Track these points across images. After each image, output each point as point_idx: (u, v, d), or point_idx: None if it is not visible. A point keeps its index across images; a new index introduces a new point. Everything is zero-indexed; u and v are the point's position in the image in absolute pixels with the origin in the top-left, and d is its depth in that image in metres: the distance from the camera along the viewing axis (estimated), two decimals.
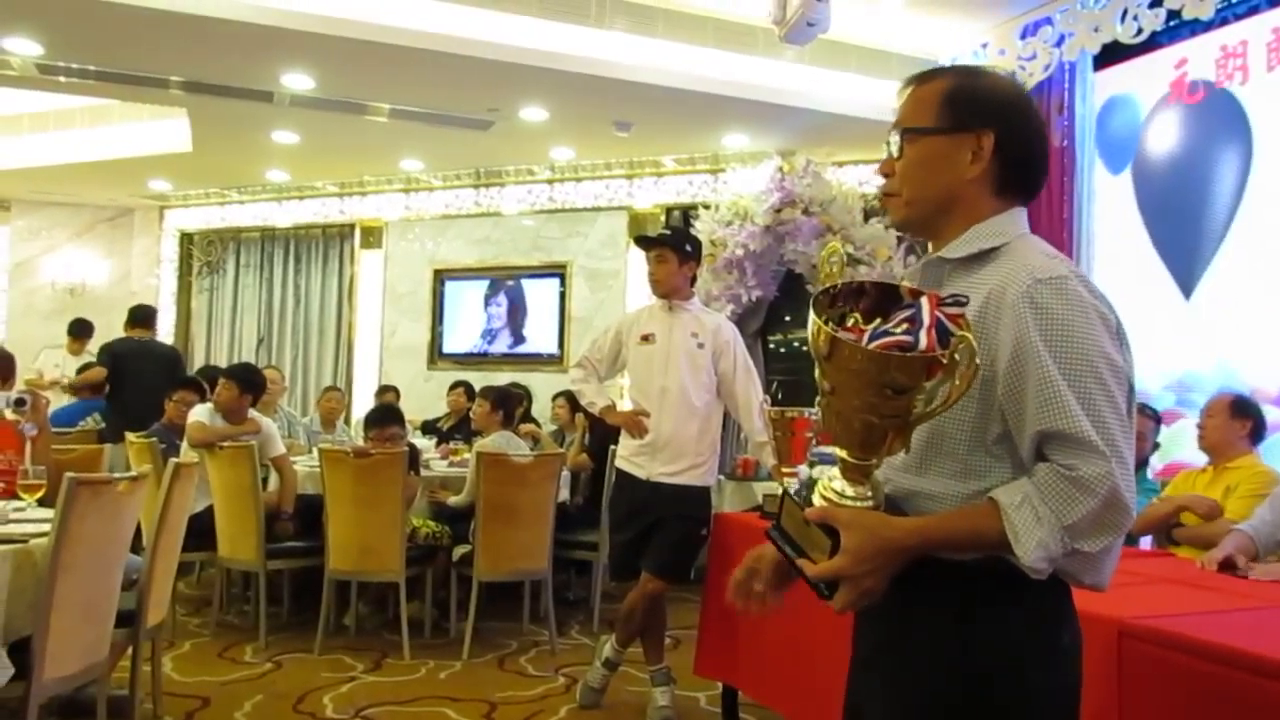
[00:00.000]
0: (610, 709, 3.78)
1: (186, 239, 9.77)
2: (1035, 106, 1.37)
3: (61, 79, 5.85)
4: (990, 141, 1.30)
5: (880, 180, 1.41)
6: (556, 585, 4.90)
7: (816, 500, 1.24)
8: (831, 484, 1.24)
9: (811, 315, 1.19)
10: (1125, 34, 4.98)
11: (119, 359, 6.24)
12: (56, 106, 7.49)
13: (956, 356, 1.10)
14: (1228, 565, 2.64)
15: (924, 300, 1.16)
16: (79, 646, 2.76)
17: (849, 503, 1.22)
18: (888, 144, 1.37)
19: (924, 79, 1.37)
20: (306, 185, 9.04)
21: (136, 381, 6.08)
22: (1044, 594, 1.24)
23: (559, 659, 4.44)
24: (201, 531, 4.45)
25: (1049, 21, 5.46)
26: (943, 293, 1.22)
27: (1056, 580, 1.23)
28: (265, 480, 4.69)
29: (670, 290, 3.71)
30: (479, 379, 6.88)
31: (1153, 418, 3.92)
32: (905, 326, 1.14)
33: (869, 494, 1.23)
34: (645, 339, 3.72)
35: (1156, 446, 3.96)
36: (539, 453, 5.07)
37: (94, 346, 8.04)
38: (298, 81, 5.68)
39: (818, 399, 1.24)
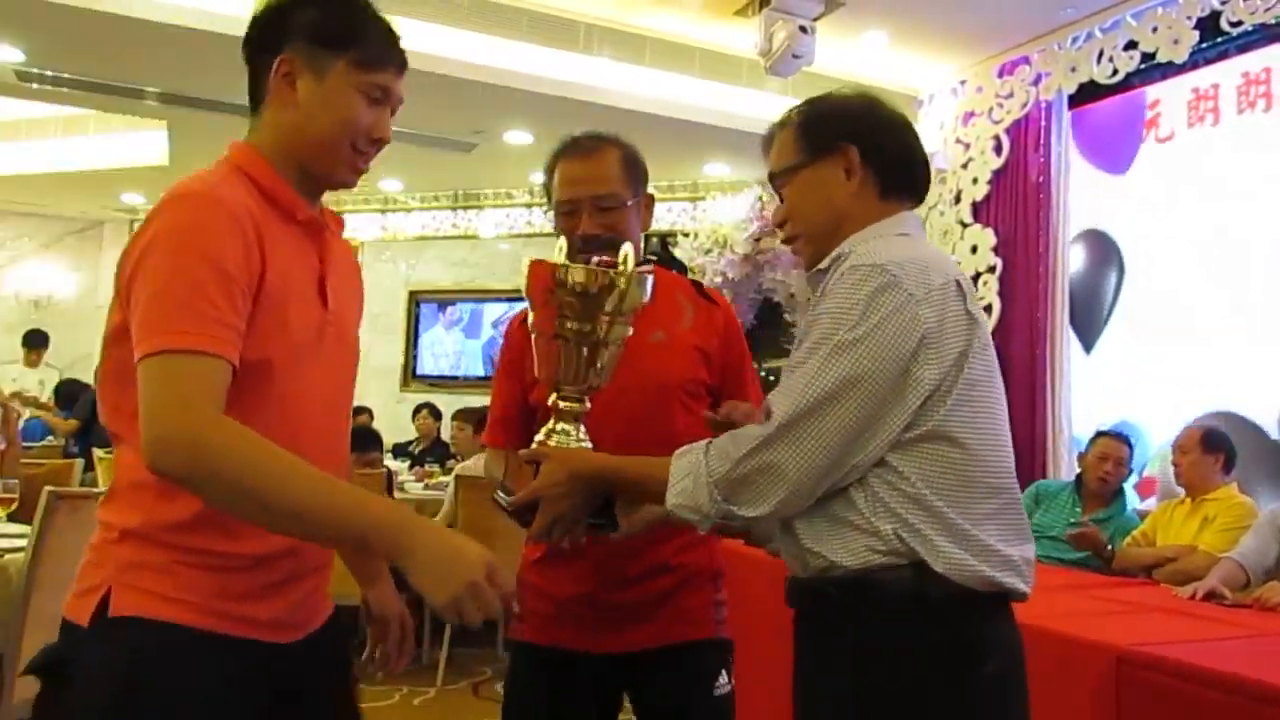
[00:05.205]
0: None
1: None
2: (889, 110, 1.39)
3: (35, 86, 5.76)
4: (855, 153, 1.32)
5: None
6: None
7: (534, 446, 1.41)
8: (546, 428, 1.41)
9: (529, 267, 1.39)
10: (1101, 75, 5.10)
11: (97, 411, 6.17)
12: (30, 115, 7.38)
13: (624, 280, 1.33)
14: (1212, 595, 2.67)
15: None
16: None
17: (556, 439, 1.38)
18: (761, 198, 1.41)
19: (778, 129, 1.41)
20: None
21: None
22: (957, 622, 1.19)
23: None
24: None
25: (1026, 61, 5.58)
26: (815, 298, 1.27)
27: (971, 603, 1.19)
28: None
29: None
30: (452, 402, 6.83)
31: (1127, 443, 3.96)
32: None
33: (582, 438, 1.40)
34: None
35: (1131, 472, 4.02)
36: None
37: (52, 358, 7.90)
38: None
39: (533, 339, 1.41)
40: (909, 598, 1.17)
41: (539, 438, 1.42)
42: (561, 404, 1.39)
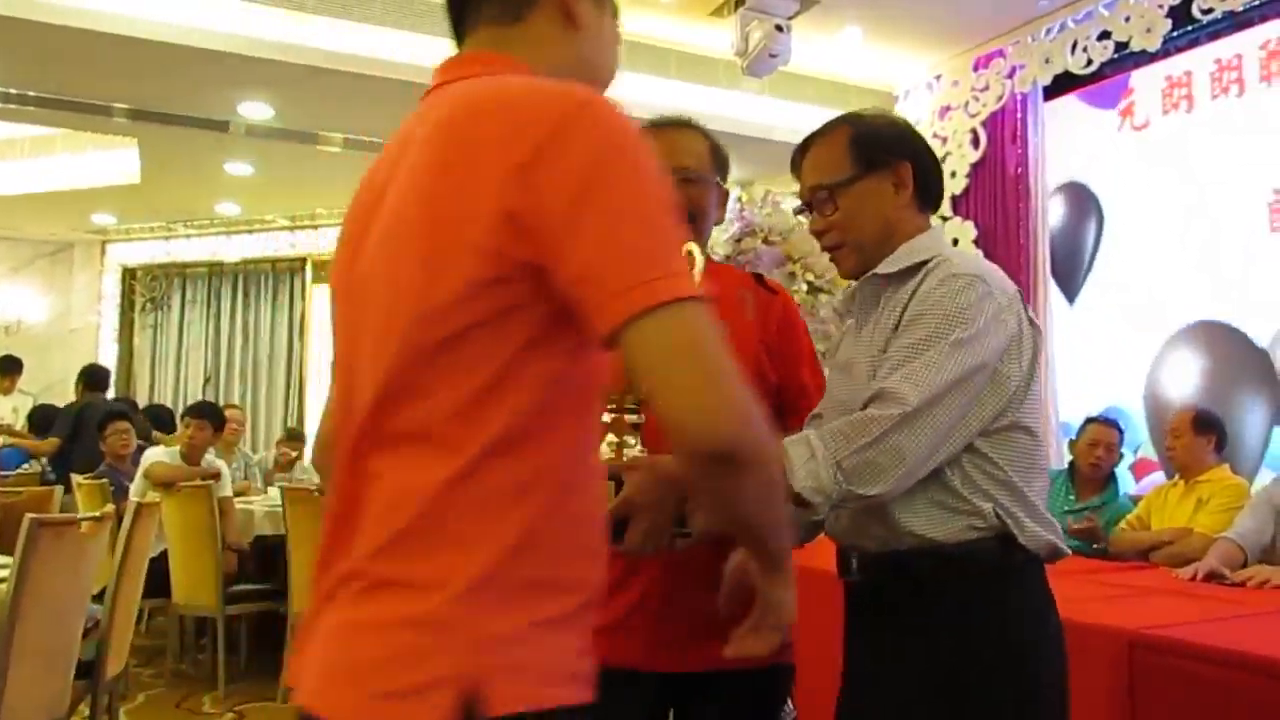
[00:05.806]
0: None
1: (129, 274, 9.50)
2: (917, 130, 1.53)
3: (0, 105, 5.67)
4: (908, 170, 1.42)
5: None
6: None
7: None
8: (609, 442, 1.38)
9: None
10: (1075, 65, 5.13)
11: (80, 426, 6.02)
12: None
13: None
14: (1212, 576, 2.67)
15: None
16: (40, 699, 2.60)
17: (629, 452, 1.36)
18: (809, 206, 1.46)
19: (819, 138, 1.47)
20: (256, 219, 8.88)
21: (88, 444, 5.86)
22: (1034, 583, 1.36)
23: None
24: (154, 577, 4.26)
25: (1001, 54, 5.60)
26: (881, 307, 1.38)
27: (1038, 568, 1.36)
28: None
29: None
30: None
31: (1116, 428, 3.97)
32: None
33: (642, 450, 1.38)
34: None
35: (1121, 456, 4.03)
36: None
37: (25, 384, 7.76)
38: (255, 110, 5.58)
39: None
40: (995, 566, 1.33)
41: (605, 455, 1.36)
42: (627, 418, 1.37)
